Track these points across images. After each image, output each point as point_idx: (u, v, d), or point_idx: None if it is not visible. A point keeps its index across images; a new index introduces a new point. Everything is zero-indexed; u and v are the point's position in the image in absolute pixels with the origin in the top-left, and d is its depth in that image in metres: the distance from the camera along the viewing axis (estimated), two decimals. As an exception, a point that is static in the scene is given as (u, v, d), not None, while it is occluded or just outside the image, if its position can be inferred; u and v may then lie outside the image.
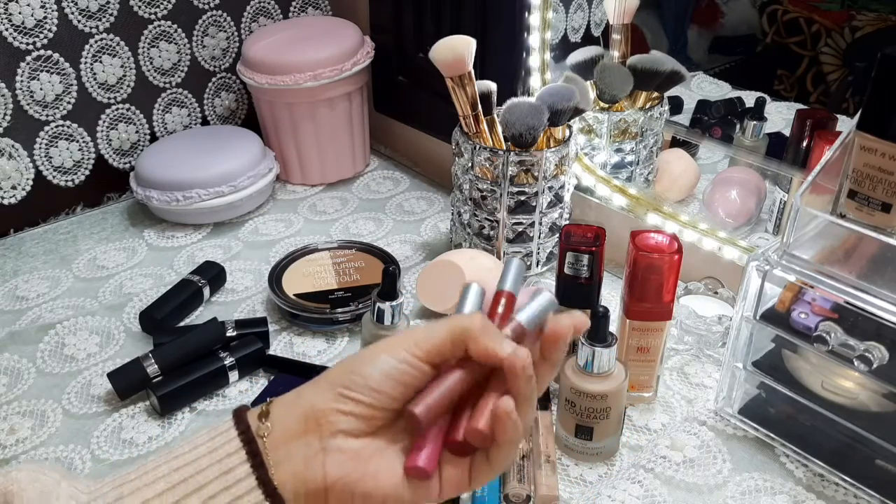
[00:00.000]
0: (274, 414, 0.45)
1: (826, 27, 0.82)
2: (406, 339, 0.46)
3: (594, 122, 0.96)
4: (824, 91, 0.84)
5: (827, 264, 0.65)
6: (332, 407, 0.44)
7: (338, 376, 0.45)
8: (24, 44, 0.97)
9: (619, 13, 0.94)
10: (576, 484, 0.69)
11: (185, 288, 0.90)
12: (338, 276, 0.92)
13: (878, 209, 0.64)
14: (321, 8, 1.24)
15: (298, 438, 0.44)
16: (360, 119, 1.16)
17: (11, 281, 0.95)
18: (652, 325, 0.73)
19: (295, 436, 0.44)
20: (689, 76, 0.92)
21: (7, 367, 0.82)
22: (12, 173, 1.01)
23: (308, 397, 0.46)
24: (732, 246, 0.86)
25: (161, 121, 1.14)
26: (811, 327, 0.65)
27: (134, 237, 1.04)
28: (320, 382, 0.46)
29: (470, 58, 0.87)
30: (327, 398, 0.45)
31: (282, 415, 0.45)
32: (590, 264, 0.72)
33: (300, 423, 0.45)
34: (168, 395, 0.75)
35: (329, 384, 0.45)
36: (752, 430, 0.73)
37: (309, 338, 0.87)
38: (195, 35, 1.13)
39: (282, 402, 0.46)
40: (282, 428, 0.45)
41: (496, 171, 0.88)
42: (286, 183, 1.17)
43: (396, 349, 0.46)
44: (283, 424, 0.45)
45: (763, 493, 0.68)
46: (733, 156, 0.92)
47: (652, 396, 0.77)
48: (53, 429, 0.75)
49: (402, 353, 0.45)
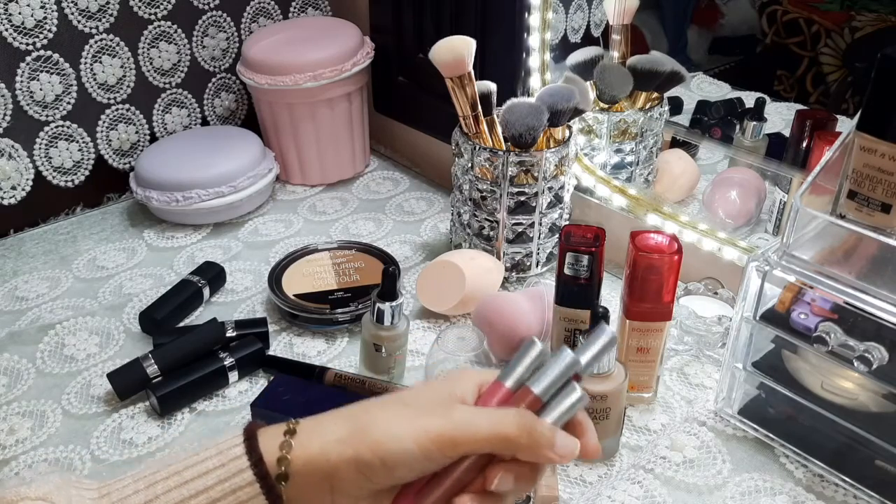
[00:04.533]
0: (295, 466, 0.44)
1: (826, 27, 0.82)
2: (442, 427, 0.43)
3: (594, 122, 0.96)
4: (824, 91, 0.84)
5: (827, 265, 0.65)
6: (353, 484, 0.44)
7: (363, 453, 0.43)
8: (24, 44, 0.97)
9: (619, 14, 0.94)
10: (576, 484, 0.69)
11: (184, 288, 0.90)
12: (338, 276, 0.92)
13: (878, 210, 0.64)
14: (321, 8, 1.24)
15: (314, 495, 0.45)
16: (360, 119, 1.16)
17: (11, 281, 0.95)
18: (652, 325, 0.73)
19: (311, 492, 0.45)
20: (688, 77, 0.92)
21: (7, 367, 0.82)
22: (12, 173, 1.01)
23: (332, 461, 0.44)
24: (732, 246, 0.86)
25: (161, 121, 1.14)
26: (811, 328, 0.65)
27: (134, 237, 1.04)
28: (343, 451, 0.44)
29: (470, 58, 0.87)
30: (350, 475, 0.44)
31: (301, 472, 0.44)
32: (590, 265, 0.72)
33: (317, 485, 0.44)
34: (168, 395, 0.75)
35: (354, 462, 0.44)
36: (751, 430, 0.73)
37: (309, 338, 0.87)
38: (195, 35, 1.13)
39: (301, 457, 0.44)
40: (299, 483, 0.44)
41: (496, 172, 0.88)
42: (286, 183, 1.17)
43: (427, 438, 0.43)
44: (300, 482, 0.44)
45: (763, 494, 0.68)
46: (733, 156, 0.92)
47: (652, 397, 0.77)
48: (53, 429, 0.75)
49: (433, 446, 0.43)
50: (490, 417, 0.44)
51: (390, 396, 0.47)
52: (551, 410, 0.46)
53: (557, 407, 0.46)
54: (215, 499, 0.43)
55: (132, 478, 0.45)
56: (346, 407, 0.47)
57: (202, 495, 0.43)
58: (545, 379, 0.46)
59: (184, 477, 0.44)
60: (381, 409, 0.45)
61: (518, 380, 0.46)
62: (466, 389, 0.47)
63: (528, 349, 0.46)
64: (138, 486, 0.44)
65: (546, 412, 0.46)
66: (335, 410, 0.47)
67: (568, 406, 0.46)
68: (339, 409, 0.47)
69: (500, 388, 0.46)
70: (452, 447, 0.43)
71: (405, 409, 0.45)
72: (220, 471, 0.44)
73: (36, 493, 0.43)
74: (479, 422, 0.44)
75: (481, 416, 0.44)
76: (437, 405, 0.45)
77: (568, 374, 0.46)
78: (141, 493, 0.43)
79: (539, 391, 0.45)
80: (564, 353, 0.46)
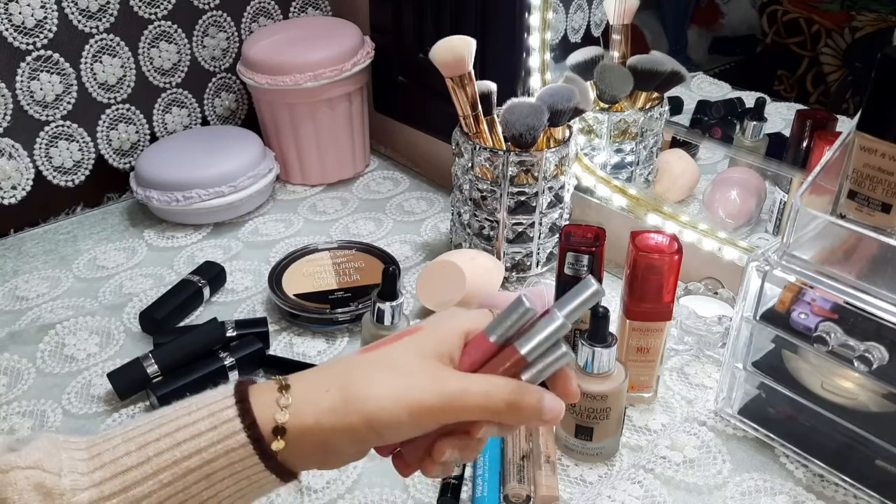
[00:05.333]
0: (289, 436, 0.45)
1: (826, 27, 0.82)
2: (434, 404, 0.45)
3: (594, 122, 0.96)
4: (824, 91, 0.84)
5: (827, 265, 0.65)
6: (346, 448, 0.46)
7: (354, 421, 0.45)
8: (24, 44, 0.97)
9: (619, 13, 0.94)
10: (576, 484, 0.69)
11: (185, 288, 0.90)
12: (338, 276, 0.92)
13: (878, 209, 0.64)
14: (321, 8, 1.24)
15: (309, 456, 0.46)
16: (360, 119, 1.16)
17: (11, 281, 0.95)
18: (652, 325, 0.73)
19: (306, 454, 0.46)
20: (689, 77, 0.92)
21: (7, 367, 0.82)
22: (12, 173, 1.01)
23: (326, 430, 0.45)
24: (732, 246, 0.86)
25: (161, 121, 1.14)
26: (811, 328, 0.65)
27: (134, 237, 1.04)
28: (335, 421, 0.45)
29: (470, 58, 0.87)
30: (343, 440, 0.45)
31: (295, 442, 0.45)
32: (590, 264, 0.72)
33: (312, 450, 0.46)
34: (168, 395, 0.75)
35: (346, 430, 0.45)
36: (751, 430, 0.73)
37: (309, 338, 0.87)
38: (195, 35, 1.13)
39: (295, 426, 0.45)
40: (293, 449, 0.45)
41: (496, 172, 0.88)
42: (286, 183, 1.17)
43: (421, 415, 0.45)
44: (294, 448, 0.45)
45: (763, 494, 0.68)
46: (733, 156, 0.92)
47: (652, 397, 0.77)
48: (53, 429, 0.75)
49: (427, 421, 0.45)
50: (480, 389, 0.46)
51: (380, 354, 0.48)
52: (536, 365, 0.47)
53: (542, 362, 0.47)
54: (208, 459, 0.44)
55: (122, 437, 0.44)
56: (336, 364, 0.48)
57: (195, 456, 0.44)
58: (532, 340, 0.47)
59: (176, 438, 0.44)
60: (374, 373, 0.46)
61: (504, 336, 0.48)
62: (454, 345, 0.48)
63: (516, 307, 0.47)
64: (129, 447, 0.44)
65: (531, 368, 0.47)
66: (324, 367, 0.48)
67: (553, 362, 0.47)
68: (328, 365, 0.48)
69: (486, 342, 0.48)
70: (444, 417, 0.45)
71: (396, 376, 0.46)
72: (212, 433, 0.44)
73: (26, 462, 0.42)
74: (470, 396, 0.45)
75: (472, 388, 0.46)
76: (428, 371, 0.46)
77: (556, 337, 0.47)
78: (133, 454, 0.43)
79: (525, 351, 0.47)
80: (554, 316, 0.47)
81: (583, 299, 0.47)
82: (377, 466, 0.70)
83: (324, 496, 0.67)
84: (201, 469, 0.44)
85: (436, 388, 0.45)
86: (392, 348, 0.48)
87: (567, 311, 0.47)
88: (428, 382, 0.45)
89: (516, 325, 0.47)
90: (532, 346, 0.47)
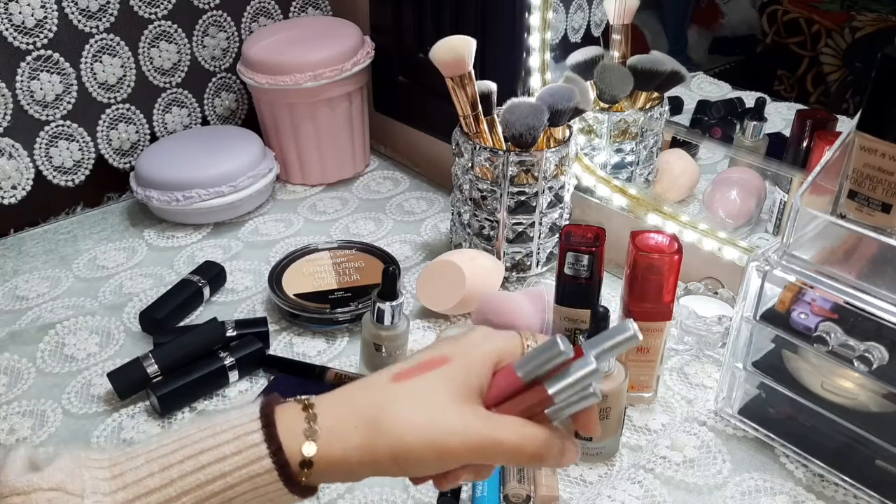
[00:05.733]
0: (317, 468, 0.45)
1: (826, 27, 0.82)
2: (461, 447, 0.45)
3: (594, 122, 0.96)
4: (824, 91, 0.84)
5: (827, 265, 0.65)
6: (368, 475, 0.47)
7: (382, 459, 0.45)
8: (24, 44, 0.97)
9: (620, 13, 0.94)
10: (576, 484, 0.69)
11: (185, 288, 0.90)
12: (338, 276, 0.92)
13: (878, 209, 0.64)
14: (321, 8, 1.24)
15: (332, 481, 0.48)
16: (360, 119, 1.16)
17: (11, 281, 0.95)
18: (652, 325, 0.73)
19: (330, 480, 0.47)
20: (689, 76, 0.92)
21: (7, 367, 0.82)
22: (12, 173, 1.01)
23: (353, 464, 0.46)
24: (732, 246, 0.86)
25: (161, 121, 1.14)
26: (811, 328, 0.65)
27: (134, 237, 1.04)
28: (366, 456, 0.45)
29: (470, 58, 0.87)
30: (367, 472, 0.46)
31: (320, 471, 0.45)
32: (590, 264, 0.72)
33: (339, 476, 0.47)
34: (168, 395, 0.75)
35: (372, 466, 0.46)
36: (751, 430, 0.73)
37: (309, 338, 0.87)
38: (195, 35, 1.13)
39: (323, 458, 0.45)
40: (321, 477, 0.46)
41: (496, 172, 0.88)
42: (286, 183, 1.17)
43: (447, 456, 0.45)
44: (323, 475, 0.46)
45: (763, 494, 0.68)
46: (733, 156, 0.92)
47: (652, 397, 0.77)
48: (53, 429, 0.75)
49: (452, 462, 0.46)
50: (511, 443, 0.46)
51: (410, 388, 0.47)
52: (561, 404, 0.47)
53: (568, 402, 0.47)
54: (232, 484, 0.44)
55: (145, 457, 0.44)
56: (365, 393, 0.48)
57: (219, 480, 0.44)
58: (562, 381, 0.47)
59: (200, 462, 0.44)
60: (403, 411, 0.46)
61: (533, 374, 0.47)
62: (484, 377, 0.48)
63: (550, 348, 0.47)
64: (152, 468, 0.44)
65: (556, 406, 0.47)
66: (353, 397, 0.48)
67: (579, 402, 0.47)
68: (356, 394, 0.48)
69: (514, 376, 0.48)
70: (471, 460, 0.46)
71: (426, 417, 0.45)
72: (237, 457, 0.44)
73: (49, 484, 0.42)
74: (501, 447, 0.45)
75: (504, 440, 0.46)
76: (459, 414, 0.46)
77: (587, 381, 0.47)
78: (156, 476, 0.43)
79: (553, 392, 0.47)
80: (588, 360, 0.47)
81: (617, 342, 0.47)
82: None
83: (324, 496, 0.67)
84: (224, 493, 0.44)
85: (465, 434, 0.45)
86: (423, 382, 0.47)
87: (599, 353, 0.47)
88: (459, 426, 0.45)
89: (548, 366, 0.47)
90: (561, 387, 0.47)
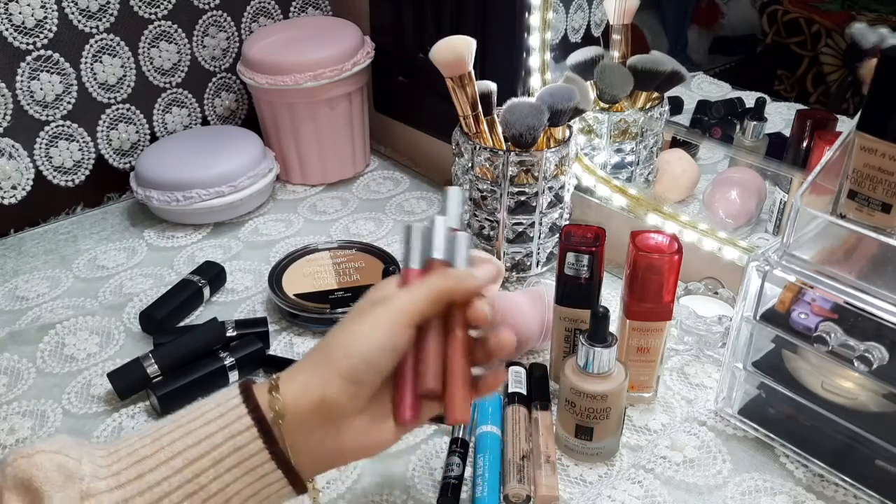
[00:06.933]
0: (285, 401, 0.49)
1: (826, 27, 0.82)
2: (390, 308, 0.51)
3: (594, 122, 0.96)
4: (824, 91, 0.84)
5: (827, 264, 0.65)
6: (343, 396, 0.50)
7: (339, 363, 0.50)
8: (24, 44, 0.97)
9: (620, 13, 0.94)
10: (576, 484, 0.69)
11: (185, 288, 0.90)
12: (338, 276, 0.92)
13: (878, 209, 0.64)
14: (321, 8, 1.24)
15: (314, 430, 0.50)
16: (360, 119, 1.16)
17: (11, 281, 0.95)
18: (652, 325, 0.73)
19: (310, 427, 0.49)
20: (689, 76, 0.92)
21: (7, 367, 0.82)
22: (12, 173, 1.01)
23: (316, 389, 0.49)
24: (732, 246, 0.86)
25: (161, 121, 1.14)
26: (811, 328, 0.65)
27: (134, 237, 1.04)
28: (324, 372, 0.50)
29: (470, 58, 0.87)
30: (337, 389, 0.49)
31: (293, 406, 0.49)
32: (590, 264, 0.72)
33: (313, 416, 0.49)
34: (168, 395, 0.75)
35: (336, 374, 0.49)
36: (751, 430, 0.73)
37: (309, 338, 0.87)
38: (195, 35, 1.13)
39: (290, 392, 0.50)
40: (296, 420, 0.49)
41: (496, 172, 0.88)
42: (286, 183, 1.17)
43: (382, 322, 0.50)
44: (296, 415, 0.49)
45: (763, 494, 0.68)
46: (733, 156, 0.92)
47: (652, 397, 0.77)
48: (53, 429, 0.75)
49: (391, 325, 0.50)
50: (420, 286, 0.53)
51: (334, 327, 0.53)
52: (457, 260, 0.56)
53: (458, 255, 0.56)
54: (217, 444, 0.47)
55: (138, 435, 0.49)
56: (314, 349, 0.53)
57: (204, 442, 0.48)
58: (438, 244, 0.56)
59: (186, 428, 0.48)
60: (339, 332, 0.52)
61: (420, 259, 0.56)
62: (389, 290, 0.54)
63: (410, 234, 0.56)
64: (144, 441, 0.48)
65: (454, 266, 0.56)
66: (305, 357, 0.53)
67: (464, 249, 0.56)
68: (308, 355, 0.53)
69: (412, 272, 0.55)
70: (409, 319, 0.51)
71: (356, 320, 0.51)
72: (220, 420, 0.49)
73: (50, 447, 0.46)
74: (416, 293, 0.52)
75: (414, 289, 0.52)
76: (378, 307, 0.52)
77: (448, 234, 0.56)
78: (148, 446, 0.48)
79: (440, 256, 0.55)
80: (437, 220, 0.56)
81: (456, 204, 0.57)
82: (377, 466, 0.70)
83: (324, 496, 0.67)
84: (210, 455, 0.47)
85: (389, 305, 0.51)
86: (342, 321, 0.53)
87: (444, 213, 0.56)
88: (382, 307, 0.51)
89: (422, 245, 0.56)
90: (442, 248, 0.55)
